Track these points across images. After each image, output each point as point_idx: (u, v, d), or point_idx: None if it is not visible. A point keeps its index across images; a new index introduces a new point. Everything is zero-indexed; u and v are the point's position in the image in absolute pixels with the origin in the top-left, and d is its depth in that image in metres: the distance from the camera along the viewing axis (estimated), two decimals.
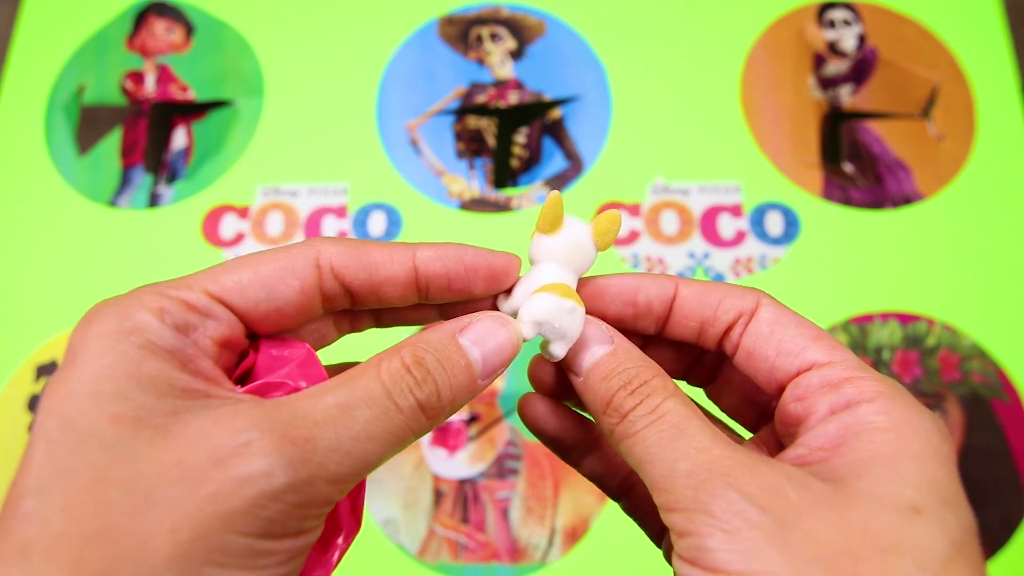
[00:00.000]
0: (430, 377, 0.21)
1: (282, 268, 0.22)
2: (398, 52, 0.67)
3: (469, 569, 0.53)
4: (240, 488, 0.18)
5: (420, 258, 0.24)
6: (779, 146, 0.62)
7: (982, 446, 0.54)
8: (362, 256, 0.23)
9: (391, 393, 0.21)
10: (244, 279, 0.22)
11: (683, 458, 0.21)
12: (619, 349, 0.24)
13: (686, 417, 0.22)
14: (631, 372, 0.23)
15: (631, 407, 0.22)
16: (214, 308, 0.21)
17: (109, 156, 0.64)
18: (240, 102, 0.66)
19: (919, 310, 0.57)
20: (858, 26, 0.66)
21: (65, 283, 0.61)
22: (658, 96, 0.64)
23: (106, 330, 0.20)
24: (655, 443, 0.21)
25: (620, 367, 0.23)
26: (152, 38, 0.68)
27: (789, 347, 0.24)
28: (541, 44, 0.66)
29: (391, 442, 0.20)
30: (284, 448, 0.19)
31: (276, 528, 0.19)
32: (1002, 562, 0.52)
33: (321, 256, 0.23)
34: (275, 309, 0.22)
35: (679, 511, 0.20)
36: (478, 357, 0.22)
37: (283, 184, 0.63)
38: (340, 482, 0.20)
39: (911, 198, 0.61)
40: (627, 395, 0.22)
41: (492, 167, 0.63)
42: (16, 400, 0.58)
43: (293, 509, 0.19)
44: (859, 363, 0.23)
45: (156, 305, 0.21)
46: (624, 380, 0.23)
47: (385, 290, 0.24)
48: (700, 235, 0.60)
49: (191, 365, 0.20)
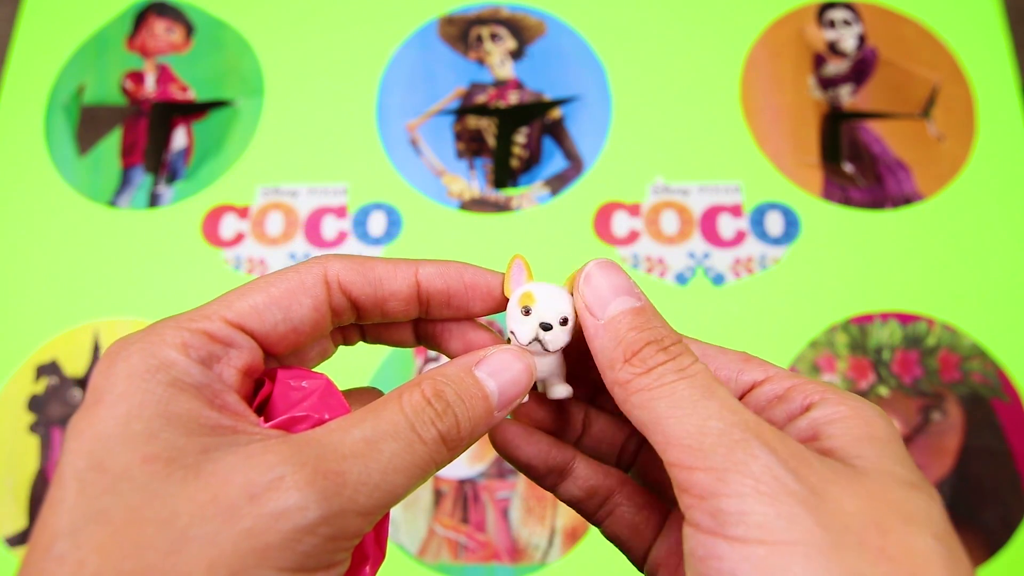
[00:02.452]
0: (450, 409, 0.22)
1: (294, 287, 0.23)
2: (398, 52, 0.67)
3: (469, 569, 0.53)
4: (276, 523, 0.18)
5: (422, 274, 0.24)
6: (779, 146, 0.62)
7: (982, 446, 0.54)
8: (367, 271, 0.24)
9: (414, 426, 0.21)
10: (259, 302, 0.22)
11: (716, 416, 0.20)
12: (648, 308, 0.23)
13: (715, 381, 0.22)
14: (661, 331, 0.22)
15: (661, 362, 0.22)
16: (235, 336, 0.22)
17: (109, 156, 0.64)
18: (240, 102, 0.66)
19: (919, 310, 0.57)
20: (858, 26, 0.66)
21: (65, 283, 0.61)
22: (658, 96, 0.64)
23: (132, 369, 0.20)
24: (685, 398, 0.21)
25: (650, 322, 0.23)
26: (152, 38, 0.68)
27: (725, 375, 0.24)
28: (541, 44, 0.66)
29: (416, 474, 0.21)
30: (317, 482, 0.19)
31: (310, 561, 0.19)
32: (1002, 562, 0.52)
33: (328, 272, 0.23)
34: (292, 328, 0.23)
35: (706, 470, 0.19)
36: (494, 389, 0.23)
37: (283, 184, 0.63)
38: (370, 514, 0.20)
39: (911, 198, 0.61)
40: (658, 350, 0.22)
41: (492, 167, 0.63)
42: (16, 400, 0.58)
43: (326, 542, 0.19)
44: (792, 372, 0.24)
45: (179, 340, 0.21)
46: (655, 336, 0.22)
47: (389, 304, 0.24)
48: (700, 235, 0.60)
49: (217, 400, 0.21)
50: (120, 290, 0.60)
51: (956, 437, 0.55)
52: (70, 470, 0.19)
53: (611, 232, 0.60)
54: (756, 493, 0.19)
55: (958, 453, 0.54)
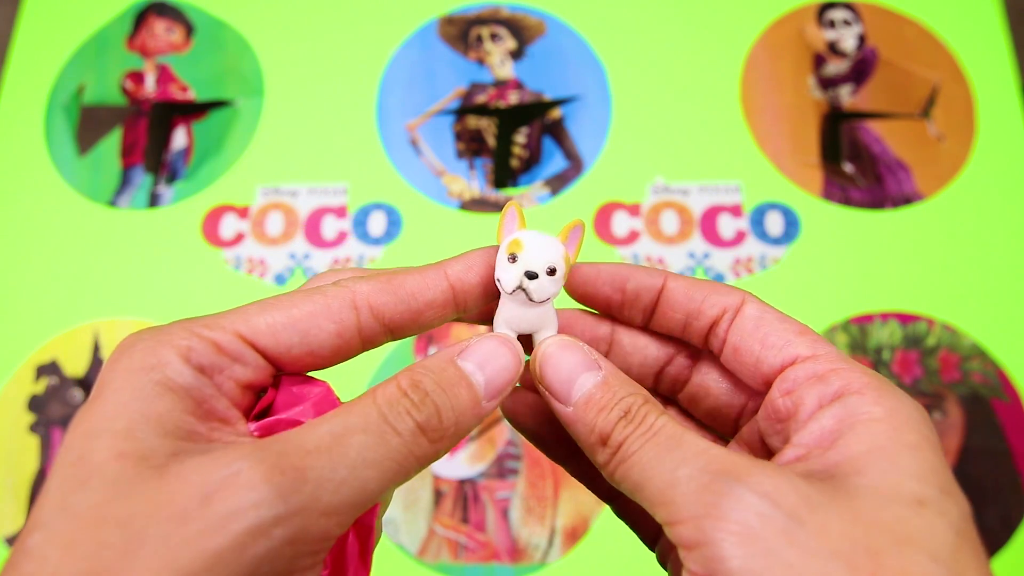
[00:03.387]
0: (428, 398, 0.21)
1: (317, 311, 0.22)
2: (398, 52, 0.67)
3: (469, 569, 0.53)
4: (226, 524, 0.17)
5: (452, 275, 0.24)
6: (779, 146, 0.62)
7: (982, 446, 0.54)
8: (397, 289, 0.23)
9: (387, 417, 0.20)
10: (278, 321, 0.21)
11: (682, 464, 0.20)
12: (609, 376, 0.23)
13: (680, 429, 0.21)
14: (627, 401, 0.22)
15: (629, 433, 0.21)
16: (244, 352, 0.21)
17: (109, 156, 0.64)
18: (240, 102, 0.66)
19: (919, 310, 0.57)
20: (858, 26, 0.66)
21: (65, 283, 0.61)
22: (658, 96, 0.64)
23: (132, 365, 0.20)
24: (652, 458, 0.21)
25: (615, 397, 0.22)
26: (152, 38, 0.68)
27: (774, 341, 0.23)
28: (541, 44, 0.66)
29: (391, 468, 0.20)
30: (273, 478, 0.18)
31: (264, 568, 0.18)
32: (1002, 562, 0.52)
33: (357, 297, 0.22)
34: (308, 352, 0.22)
35: (684, 521, 0.19)
36: (480, 379, 0.22)
37: (283, 184, 0.63)
38: (336, 514, 0.19)
39: (911, 198, 0.61)
40: (626, 424, 0.21)
41: (492, 167, 0.63)
42: (16, 400, 0.58)
43: (284, 546, 0.18)
44: (842, 355, 0.23)
45: (185, 343, 0.20)
46: (623, 410, 0.22)
47: (425, 316, 0.23)
48: (700, 235, 0.60)
49: (204, 406, 0.20)
50: (120, 290, 0.60)
51: (956, 437, 0.55)
52: (58, 462, 0.19)
53: (611, 232, 0.60)
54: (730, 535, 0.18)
55: (958, 453, 0.54)
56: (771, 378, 0.23)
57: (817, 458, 0.20)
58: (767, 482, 0.19)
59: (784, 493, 0.19)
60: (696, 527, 0.19)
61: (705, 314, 0.25)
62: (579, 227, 0.24)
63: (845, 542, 0.18)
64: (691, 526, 0.19)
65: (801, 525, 0.18)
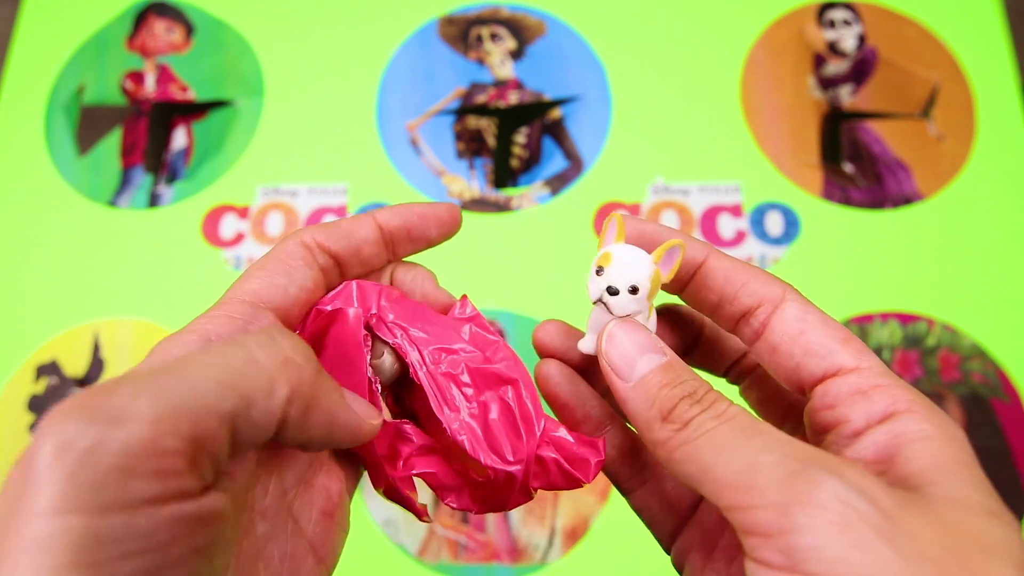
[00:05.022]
0: None
1: (283, 257, 0.25)
2: (398, 52, 0.67)
3: (469, 569, 0.53)
4: None
5: (380, 217, 0.27)
6: (779, 146, 0.62)
7: (982, 446, 0.54)
8: (336, 229, 0.26)
9: None
10: (262, 278, 0.24)
11: (766, 449, 0.19)
12: (675, 361, 0.23)
13: (756, 420, 0.21)
14: (693, 384, 0.22)
15: (697, 413, 0.21)
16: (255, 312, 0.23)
17: (109, 156, 0.64)
18: (240, 102, 0.66)
19: (919, 310, 0.57)
20: (858, 26, 0.66)
21: (65, 283, 0.61)
22: (658, 96, 0.64)
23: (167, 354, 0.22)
24: (728, 440, 0.20)
25: (679, 378, 0.22)
26: (152, 38, 0.68)
27: (816, 348, 0.23)
28: (541, 44, 0.66)
29: None
30: None
31: None
32: None
33: (304, 238, 0.25)
34: (299, 289, 0.25)
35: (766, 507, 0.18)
36: None
37: (283, 184, 0.63)
38: None
39: (911, 198, 0.61)
40: (692, 403, 0.21)
41: (492, 167, 0.63)
42: (16, 400, 0.58)
43: None
44: (884, 369, 0.22)
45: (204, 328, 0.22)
46: (688, 390, 0.22)
47: (363, 251, 0.26)
48: (700, 235, 0.60)
49: None
50: (120, 290, 0.60)
51: None
52: None
53: None
54: (827, 524, 0.18)
55: None
56: (809, 385, 0.23)
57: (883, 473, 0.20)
58: (861, 480, 0.18)
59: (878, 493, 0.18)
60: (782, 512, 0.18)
61: (741, 301, 0.25)
62: (676, 248, 0.24)
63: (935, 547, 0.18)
64: (775, 512, 0.18)
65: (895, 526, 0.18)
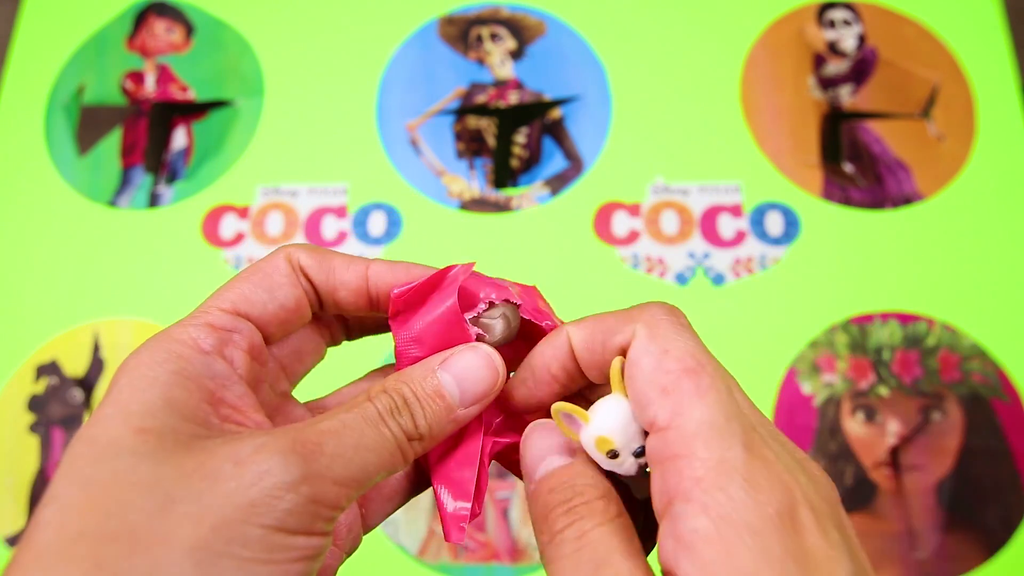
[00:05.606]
0: (407, 408, 0.23)
1: (269, 271, 0.25)
2: (398, 52, 0.67)
3: (469, 569, 0.53)
4: (259, 480, 0.19)
5: (372, 270, 0.25)
6: (779, 146, 0.62)
7: (982, 446, 0.54)
8: (323, 260, 0.25)
9: (382, 414, 0.23)
10: (245, 289, 0.24)
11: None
12: (577, 463, 0.23)
13: (608, 551, 0.20)
14: (577, 488, 0.22)
15: (562, 527, 0.21)
16: (235, 321, 0.24)
17: (109, 156, 0.64)
18: (240, 102, 0.66)
19: (919, 310, 0.57)
20: (858, 26, 0.66)
21: (65, 283, 0.61)
22: (658, 96, 0.64)
23: (141, 361, 0.22)
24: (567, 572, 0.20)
25: (569, 481, 0.22)
26: (152, 38, 0.68)
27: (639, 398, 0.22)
28: (541, 44, 0.66)
29: (385, 454, 0.22)
30: (296, 448, 0.20)
31: (292, 520, 0.20)
32: (1002, 562, 0.52)
33: (291, 256, 0.25)
34: (280, 306, 0.25)
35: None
36: (454, 389, 0.24)
37: (283, 184, 0.63)
38: (345, 484, 0.21)
39: (911, 198, 0.61)
40: (563, 512, 0.21)
41: (492, 167, 0.63)
42: (16, 400, 0.58)
43: (307, 503, 0.20)
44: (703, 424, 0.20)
45: (186, 335, 0.22)
46: (567, 495, 0.22)
47: (340, 293, 0.25)
48: (700, 235, 0.60)
49: (218, 395, 0.22)
50: (120, 290, 0.60)
51: (956, 437, 0.55)
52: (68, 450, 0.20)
53: (611, 232, 0.60)
54: None
55: (958, 453, 0.54)
56: None
57: None
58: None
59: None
60: None
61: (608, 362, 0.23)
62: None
63: None
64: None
65: None
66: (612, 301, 0.59)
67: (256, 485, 0.19)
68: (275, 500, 0.19)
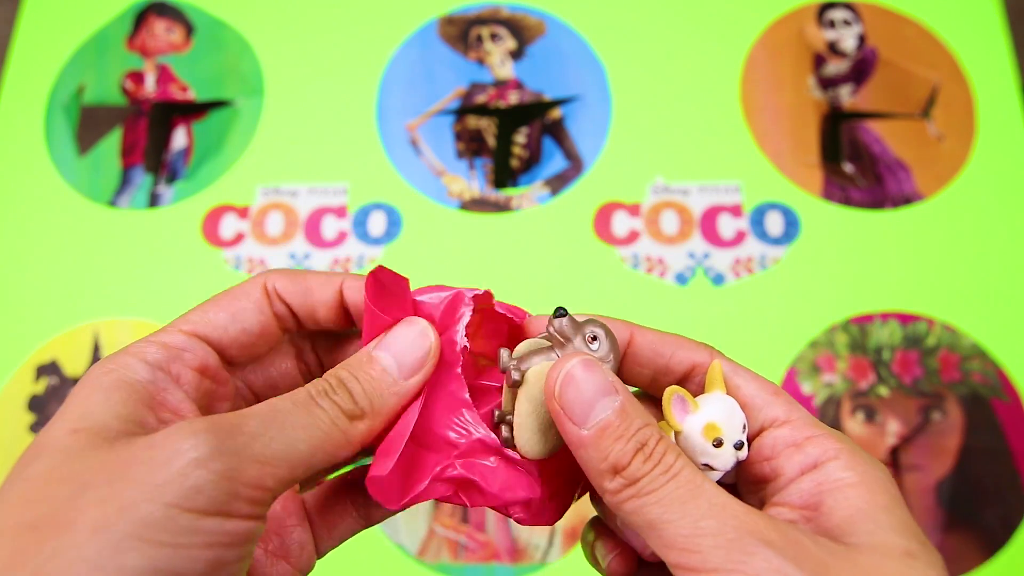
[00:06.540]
0: (343, 385, 0.24)
1: (238, 295, 0.26)
2: (398, 52, 0.67)
3: (469, 569, 0.53)
4: (169, 459, 0.20)
5: (347, 286, 0.26)
6: (779, 146, 0.62)
7: (982, 446, 0.54)
8: (300, 281, 0.26)
9: (312, 395, 0.23)
10: (209, 312, 0.25)
11: (707, 515, 0.21)
12: (628, 404, 0.23)
13: (698, 476, 0.22)
14: (645, 433, 0.22)
15: (647, 471, 0.22)
16: (188, 342, 0.24)
17: (109, 156, 0.64)
18: (240, 102, 0.66)
19: (919, 310, 0.57)
20: (858, 26, 0.66)
21: (65, 283, 0.61)
22: (658, 96, 0.64)
23: (94, 371, 0.23)
24: (675, 500, 0.21)
25: (632, 427, 0.22)
26: (152, 38, 0.68)
27: (750, 403, 0.25)
28: (541, 44, 0.66)
29: (317, 435, 0.23)
30: (211, 428, 0.21)
31: (202, 499, 0.20)
32: (1002, 562, 0.52)
33: (267, 281, 0.26)
34: (241, 330, 0.25)
35: (708, 572, 0.20)
36: (391, 362, 0.24)
37: (283, 184, 0.63)
38: (268, 463, 0.21)
39: (911, 198, 0.61)
40: (644, 460, 0.22)
41: (492, 167, 0.63)
42: (16, 400, 0.58)
43: (220, 479, 0.20)
44: (813, 420, 0.24)
45: (140, 348, 0.24)
46: (639, 443, 0.22)
47: (319, 312, 0.26)
48: (700, 235, 0.60)
49: (157, 398, 0.23)
50: (120, 290, 0.60)
51: (956, 437, 0.55)
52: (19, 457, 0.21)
53: (611, 232, 0.60)
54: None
55: (958, 453, 0.54)
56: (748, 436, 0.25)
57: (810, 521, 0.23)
58: (789, 547, 0.21)
59: (804, 557, 0.21)
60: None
61: (674, 371, 0.26)
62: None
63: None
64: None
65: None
66: (612, 301, 0.59)
67: (166, 465, 0.20)
68: (183, 478, 0.19)
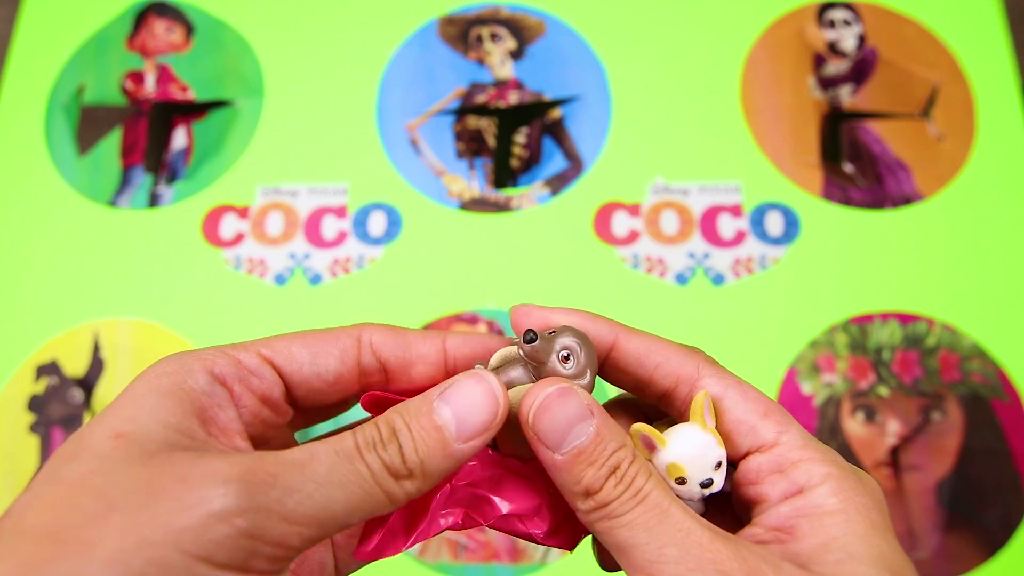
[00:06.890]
0: (394, 438, 0.21)
1: (327, 339, 0.25)
2: (398, 52, 0.67)
3: (469, 569, 0.53)
4: (196, 505, 0.19)
5: (450, 343, 0.25)
6: (779, 146, 0.62)
7: (982, 446, 0.54)
8: (399, 336, 0.25)
9: (359, 447, 0.21)
10: (294, 345, 0.24)
11: (670, 542, 0.21)
12: (601, 428, 0.22)
13: (667, 499, 0.22)
14: (618, 456, 0.22)
15: (618, 495, 0.22)
16: (261, 367, 0.24)
17: (109, 156, 0.65)
18: (240, 102, 0.66)
19: (919, 310, 0.57)
20: (858, 26, 0.66)
21: (65, 283, 0.61)
22: (658, 96, 0.64)
23: (153, 371, 0.22)
24: (639, 526, 0.21)
25: (606, 452, 0.22)
26: (152, 38, 0.68)
27: (736, 426, 0.24)
28: (541, 44, 0.66)
29: (357, 493, 0.20)
30: (246, 477, 0.19)
31: (221, 553, 0.19)
32: (1002, 562, 0.52)
33: (363, 333, 0.25)
34: (316, 374, 0.24)
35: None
36: (449, 419, 0.22)
37: (283, 184, 0.63)
38: (297, 522, 0.20)
39: (911, 198, 0.61)
40: (615, 483, 0.22)
41: (492, 167, 0.63)
42: (16, 400, 0.58)
43: (241, 537, 0.19)
44: (805, 439, 0.24)
45: (210, 357, 0.23)
46: (612, 467, 0.22)
47: (417, 367, 0.25)
48: (700, 235, 0.60)
49: (208, 413, 0.22)
50: (120, 290, 0.60)
51: (956, 437, 0.55)
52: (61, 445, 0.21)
53: (611, 232, 0.60)
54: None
55: (958, 453, 0.54)
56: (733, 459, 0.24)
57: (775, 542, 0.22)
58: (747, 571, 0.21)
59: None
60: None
61: (657, 384, 0.25)
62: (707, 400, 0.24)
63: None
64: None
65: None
66: (612, 301, 0.59)
67: (191, 510, 0.19)
68: (205, 528, 0.19)
